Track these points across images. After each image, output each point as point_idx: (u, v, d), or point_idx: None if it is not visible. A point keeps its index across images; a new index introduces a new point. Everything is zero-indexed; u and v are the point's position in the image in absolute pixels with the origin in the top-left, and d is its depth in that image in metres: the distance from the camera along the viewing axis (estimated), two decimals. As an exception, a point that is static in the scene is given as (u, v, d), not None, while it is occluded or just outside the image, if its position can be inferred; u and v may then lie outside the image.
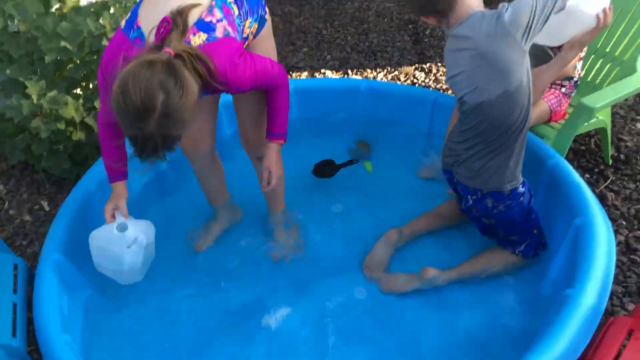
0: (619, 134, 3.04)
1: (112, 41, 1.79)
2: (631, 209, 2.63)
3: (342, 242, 2.45)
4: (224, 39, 1.75)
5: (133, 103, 1.50)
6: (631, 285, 2.31)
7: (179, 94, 1.53)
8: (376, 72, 3.67)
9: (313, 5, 4.38)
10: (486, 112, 1.94)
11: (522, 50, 1.84)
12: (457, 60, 1.96)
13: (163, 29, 1.61)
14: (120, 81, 1.52)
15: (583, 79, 2.79)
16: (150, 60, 1.53)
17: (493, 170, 2.05)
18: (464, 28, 1.90)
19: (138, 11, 1.76)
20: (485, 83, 1.90)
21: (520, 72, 1.87)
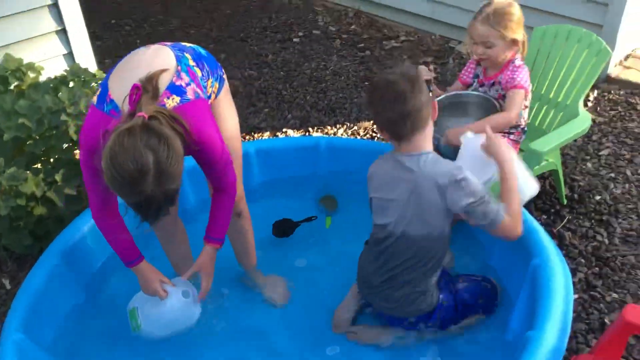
0: (572, 175, 3.16)
1: (88, 120, 1.82)
2: (588, 247, 2.71)
3: (309, 297, 2.45)
4: (196, 100, 1.83)
5: (127, 171, 1.54)
6: (594, 321, 2.36)
7: (165, 150, 1.58)
8: (336, 128, 3.76)
9: (272, 68, 4.51)
10: (408, 244, 2.01)
11: (450, 211, 1.96)
12: (393, 185, 2.01)
13: (135, 96, 1.66)
14: (108, 156, 1.56)
15: (531, 125, 2.91)
16: (128, 127, 1.57)
17: (413, 298, 2.08)
18: (412, 161, 1.97)
19: (108, 84, 1.82)
20: (413, 219, 1.98)
21: (445, 224, 1.99)
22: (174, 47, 1.97)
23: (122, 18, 5.47)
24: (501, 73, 2.58)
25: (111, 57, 4.75)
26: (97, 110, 1.79)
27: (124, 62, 1.90)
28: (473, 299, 2.17)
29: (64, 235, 2.38)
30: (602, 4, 3.75)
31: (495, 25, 2.44)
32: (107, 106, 1.77)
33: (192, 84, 1.86)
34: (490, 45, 2.49)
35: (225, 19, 5.38)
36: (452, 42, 4.65)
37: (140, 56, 1.90)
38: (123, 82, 1.76)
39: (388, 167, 2.05)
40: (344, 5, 5.34)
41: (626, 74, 3.96)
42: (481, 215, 1.93)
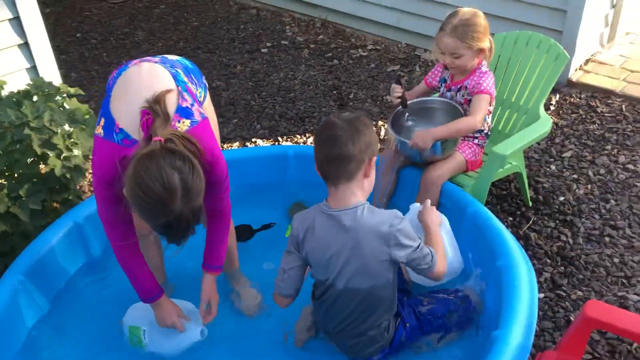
0: (536, 177, 3.22)
1: (99, 153, 1.80)
2: (553, 247, 2.77)
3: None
4: (203, 121, 1.87)
5: (155, 193, 1.57)
6: (559, 319, 2.40)
7: (189, 168, 1.62)
8: (305, 137, 3.78)
9: (240, 78, 4.52)
10: (352, 297, 1.97)
11: (395, 262, 1.93)
12: (331, 242, 1.92)
13: (146, 121, 1.68)
14: (132, 181, 1.59)
15: (494, 129, 2.97)
16: (148, 152, 1.60)
17: (369, 343, 2.05)
18: (348, 217, 1.89)
19: (112, 114, 1.79)
20: (356, 273, 1.93)
21: (389, 272, 1.95)
22: (164, 64, 1.96)
23: (88, 32, 5.42)
24: (468, 78, 2.63)
25: (77, 70, 4.71)
26: (107, 141, 1.78)
27: (121, 87, 1.85)
28: (440, 320, 2.11)
29: (29, 251, 2.34)
30: (561, 10, 3.85)
31: (462, 38, 2.49)
32: (118, 136, 1.76)
33: (195, 104, 1.89)
34: (458, 56, 2.54)
35: (192, 30, 5.38)
36: (418, 50, 4.72)
37: (136, 78, 1.87)
38: (128, 108, 1.76)
39: (323, 225, 1.94)
40: (312, 15, 5.39)
41: (586, 78, 4.07)
42: (422, 258, 1.93)
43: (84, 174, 2.66)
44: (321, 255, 1.96)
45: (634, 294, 2.49)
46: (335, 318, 2.05)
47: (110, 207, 1.86)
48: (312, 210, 1.98)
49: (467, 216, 2.43)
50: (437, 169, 2.54)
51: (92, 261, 2.57)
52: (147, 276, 2.04)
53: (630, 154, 3.37)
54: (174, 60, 2.06)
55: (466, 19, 2.50)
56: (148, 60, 1.97)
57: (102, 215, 1.91)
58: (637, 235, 2.80)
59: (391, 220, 1.88)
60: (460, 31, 2.48)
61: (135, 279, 2.03)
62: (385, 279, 1.95)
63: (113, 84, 1.89)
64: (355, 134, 1.84)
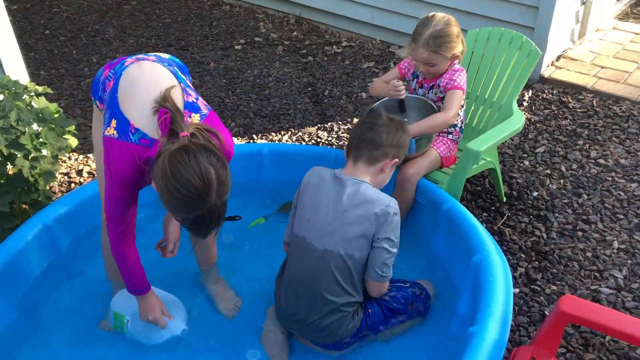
0: (510, 172, 3.25)
1: (118, 155, 1.79)
2: (527, 242, 2.79)
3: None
4: (210, 113, 1.90)
5: (194, 185, 1.61)
6: (534, 314, 2.42)
7: (219, 162, 1.67)
8: (281, 135, 3.75)
9: (214, 76, 4.47)
10: (329, 261, 2.02)
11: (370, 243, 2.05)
12: (328, 195, 2.08)
13: (164, 120, 1.70)
14: (168, 176, 1.62)
15: (469, 125, 2.98)
16: (181, 147, 1.63)
17: (340, 322, 2.08)
18: (351, 183, 2.06)
19: (124, 114, 1.80)
20: (336, 235, 2.03)
21: (363, 250, 2.04)
22: (162, 62, 1.98)
23: (57, 29, 5.31)
24: (440, 77, 2.63)
25: (46, 68, 4.61)
26: (124, 142, 1.78)
27: (128, 87, 1.86)
28: (402, 306, 2.19)
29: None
30: (533, 7, 3.89)
31: (436, 50, 2.50)
32: (134, 136, 1.78)
33: (199, 97, 1.93)
34: (433, 64, 2.56)
35: (164, 27, 5.30)
36: (392, 47, 4.72)
37: (142, 78, 1.88)
38: (140, 108, 1.79)
39: (328, 182, 2.10)
40: (286, 12, 5.35)
41: (558, 74, 4.12)
42: (383, 261, 2.03)
43: (53, 175, 2.60)
44: (314, 205, 2.07)
45: (606, 287, 2.53)
46: (310, 287, 2.06)
47: (123, 206, 1.90)
48: (326, 170, 2.15)
49: (443, 213, 2.43)
50: (412, 166, 2.54)
51: (62, 264, 2.51)
52: (138, 270, 2.07)
53: (601, 148, 3.42)
54: (167, 58, 2.08)
55: (439, 30, 2.49)
56: (145, 59, 1.97)
57: (111, 212, 1.93)
58: (609, 230, 2.85)
59: (389, 202, 2.02)
60: (433, 43, 2.49)
61: (127, 272, 2.05)
62: (362, 254, 2.03)
63: (116, 85, 1.87)
64: (392, 130, 2.11)
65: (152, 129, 1.78)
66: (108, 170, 1.84)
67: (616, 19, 4.93)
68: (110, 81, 1.94)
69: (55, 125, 2.72)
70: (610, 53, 4.35)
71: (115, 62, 2.02)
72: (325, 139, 3.67)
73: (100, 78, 2.03)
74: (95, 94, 2.07)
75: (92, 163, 3.47)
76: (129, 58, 1.99)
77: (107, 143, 1.82)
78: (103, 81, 1.99)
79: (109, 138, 1.81)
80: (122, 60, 1.99)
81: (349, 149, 2.15)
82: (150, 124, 1.78)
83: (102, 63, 4.67)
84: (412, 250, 2.55)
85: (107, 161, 1.84)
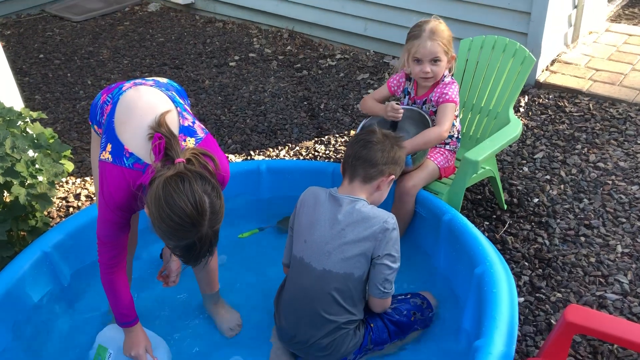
0: (509, 180, 3.23)
1: (110, 179, 1.79)
2: (530, 249, 2.77)
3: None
4: (206, 136, 1.89)
5: (186, 213, 1.60)
6: (541, 323, 2.40)
7: (214, 190, 1.66)
8: (278, 150, 3.74)
9: (209, 93, 4.47)
10: (328, 281, 2.01)
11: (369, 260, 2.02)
12: (325, 215, 2.05)
13: (159, 145, 1.69)
14: (162, 202, 1.60)
15: (466, 134, 2.97)
16: (176, 173, 1.62)
17: (342, 340, 2.06)
18: (347, 202, 2.04)
19: (119, 139, 1.79)
20: (335, 254, 2.01)
21: (363, 268, 2.01)
22: (159, 87, 1.99)
23: (51, 52, 5.31)
24: (432, 91, 2.62)
25: (41, 92, 4.61)
26: (117, 166, 1.78)
27: (124, 112, 1.86)
28: (405, 318, 2.17)
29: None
30: (525, 12, 3.89)
31: (441, 40, 2.50)
32: (128, 160, 1.77)
33: (196, 121, 1.92)
34: (437, 60, 2.53)
35: (158, 46, 5.31)
36: (386, 58, 4.72)
37: (139, 103, 1.88)
38: (135, 132, 1.79)
39: (324, 201, 2.08)
40: (278, 26, 5.36)
41: (553, 78, 4.11)
42: (385, 277, 2.01)
43: (50, 201, 2.58)
44: (310, 225, 2.05)
45: (612, 293, 2.50)
46: (308, 307, 2.04)
47: (116, 231, 1.88)
48: (322, 189, 2.14)
49: (444, 224, 2.41)
50: (411, 179, 2.53)
51: (62, 290, 2.48)
52: (127, 300, 2.04)
53: (600, 152, 3.40)
54: (165, 83, 2.08)
55: (436, 25, 2.52)
56: (143, 84, 1.98)
57: (103, 237, 1.91)
58: (612, 234, 2.82)
59: (386, 218, 2.00)
60: (438, 35, 2.49)
61: (115, 300, 2.02)
62: (361, 272, 2.01)
63: (113, 110, 1.88)
64: (387, 147, 2.09)
65: (146, 154, 1.78)
66: (101, 195, 1.83)
67: (609, 20, 4.94)
68: (107, 105, 1.94)
69: (51, 150, 2.71)
70: (604, 55, 4.35)
71: (113, 86, 2.03)
72: (323, 153, 3.66)
73: (98, 102, 2.03)
74: (93, 118, 2.07)
75: (89, 186, 3.45)
76: (127, 83, 2.00)
77: (102, 167, 1.82)
78: (101, 105, 1.99)
79: (104, 162, 1.81)
80: (120, 85, 2.00)
81: (344, 168, 2.14)
82: (145, 149, 1.78)
83: (96, 85, 4.67)
84: (413, 263, 2.53)
85: (100, 185, 1.83)
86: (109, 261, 1.95)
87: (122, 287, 2.01)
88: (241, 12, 5.57)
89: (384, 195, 2.15)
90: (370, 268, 2.02)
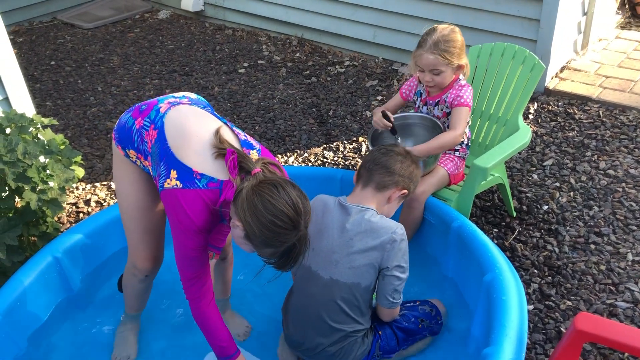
0: (519, 187, 3.22)
1: (188, 204, 1.75)
2: (540, 257, 2.76)
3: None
4: (261, 147, 1.94)
5: (289, 217, 1.65)
6: (550, 331, 2.38)
7: (301, 192, 1.72)
8: (287, 157, 3.75)
9: (219, 100, 4.49)
10: (336, 289, 2.00)
11: (378, 270, 2.01)
12: (333, 223, 2.05)
13: (233, 160, 1.74)
14: (260, 210, 1.64)
15: (475, 141, 2.97)
16: (264, 182, 1.68)
17: (349, 348, 2.06)
18: (356, 212, 2.03)
19: (184, 163, 1.78)
20: (342, 264, 2.00)
21: (371, 278, 2.01)
22: (196, 104, 1.97)
23: (62, 59, 5.36)
24: (446, 92, 2.62)
25: (52, 99, 4.65)
26: (191, 189, 1.76)
27: (177, 136, 1.83)
28: (413, 325, 2.16)
29: (6, 289, 2.26)
30: (534, 20, 3.89)
31: (443, 53, 2.47)
32: (201, 182, 1.77)
33: (246, 135, 1.95)
34: (438, 73, 2.52)
35: (167, 54, 5.35)
36: (395, 65, 4.73)
37: (189, 124, 1.86)
38: (199, 153, 1.79)
39: (332, 209, 2.07)
40: (287, 34, 5.39)
41: (563, 85, 4.10)
42: (394, 288, 2.00)
43: (61, 206, 2.60)
44: (318, 233, 2.04)
45: (623, 301, 2.48)
46: (315, 316, 2.03)
47: (199, 259, 1.87)
48: (330, 197, 2.13)
49: (453, 231, 2.41)
50: (420, 185, 2.52)
51: (72, 296, 2.50)
52: (223, 332, 1.98)
53: (610, 159, 3.39)
54: (196, 99, 2.07)
55: (445, 35, 2.49)
56: (180, 103, 1.95)
57: (189, 273, 1.88)
58: (622, 241, 2.81)
59: (395, 229, 1.99)
60: (440, 47, 2.47)
61: (212, 335, 1.97)
62: (369, 282, 2.00)
63: (163, 136, 1.84)
64: (406, 162, 2.11)
65: (216, 171, 1.78)
66: (178, 225, 1.79)
67: (618, 28, 4.93)
68: (148, 131, 1.89)
69: (62, 156, 2.73)
70: (614, 62, 4.33)
71: (146, 109, 1.95)
72: (332, 159, 3.67)
73: (132, 127, 1.94)
74: (126, 143, 1.98)
75: (99, 192, 3.47)
76: (160, 103, 1.95)
77: (171, 196, 1.77)
78: (138, 130, 1.92)
79: (172, 190, 1.76)
80: (153, 105, 1.94)
81: (360, 173, 2.13)
82: (214, 167, 1.78)
83: (107, 92, 4.70)
84: (422, 270, 2.52)
85: (175, 215, 1.78)
86: (197, 293, 1.90)
87: (216, 320, 1.96)
88: (250, 20, 5.61)
89: (393, 209, 2.14)
90: (379, 279, 2.02)
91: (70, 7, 6.35)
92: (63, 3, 6.31)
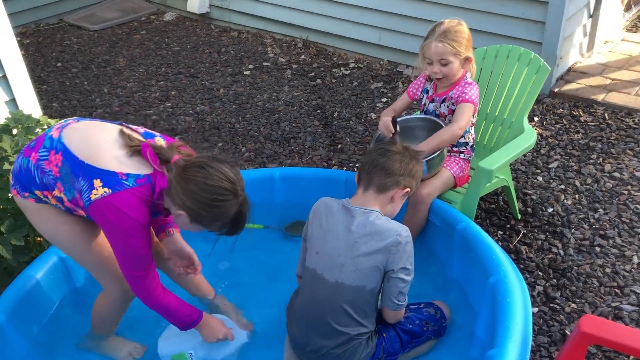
0: (524, 189, 3.22)
1: (124, 206, 1.77)
2: (544, 259, 2.75)
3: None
4: (165, 137, 2.01)
5: (226, 188, 1.77)
6: (555, 333, 2.38)
7: (224, 162, 1.81)
8: (291, 159, 3.76)
9: (224, 102, 4.50)
10: (340, 294, 1.99)
11: (383, 272, 2.00)
12: (338, 227, 2.03)
13: (150, 153, 1.81)
14: (198, 192, 1.75)
15: (480, 143, 2.97)
16: (188, 164, 1.78)
17: (353, 350, 2.05)
18: (360, 213, 2.02)
19: (102, 169, 1.77)
20: (348, 267, 1.99)
21: (376, 280, 2.00)
22: (75, 120, 1.97)
23: (68, 61, 5.39)
24: (453, 89, 2.62)
25: (58, 100, 4.67)
26: (122, 191, 1.77)
27: (84, 147, 1.82)
28: (418, 327, 2.15)
29: (12, 290, 2.27)
30: (540, 22, 3.89)
31: (451, 42, 2.50)
32: (129, 181, 1.79)
33: (143, 127, 2.01)
34: (446, 63, 2.53)
35: (173, 55, 5.36)
36: (400, 67, 4.73)
37: (86, 134, 1.87)
38: (115, 156, 1.81)
39: (336, 212, 2.06)
40: (293, 36, 5.40)
41: (568, 87, 4.10)
42: (399, 290, 2.00)
43: (66, 207, 2.61)
44: (323, 236, 2.04)
45: (628, 304, 2.48)
46: (319, 319, 2.03)
47: (145, 257, 1.89)
48: (334, 200, 2.13)
49: (457, 233, 2.41)
50: (426, 187, 2.52)
51: (78, 295, 2.51)
52: (182, 304, 2.06)
53: (615, 162, 3.38)
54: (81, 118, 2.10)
55: (453, 26, 2.53)
56: (69, 124, 1.94)
57: (134, 271, 1.90)
58: (628, 244, 2.80)
59: (400, 231, 1.97)
60: (448, 36, 2.50)
61: (172, 314, 2.04)
62: (374, 285, 2.00)
63: (69, 154, 1.81)
64: (406, 159, 2.07)
65: (138, 168, 1.81)
66: (117, 230, 1.79)
67: (625, 30, 4.91)
68: (48, 159, 1.85)
69: (68, 157, 2.74)
70: (620, 65, 4.32)
71: (36, 143, 1.90)
72: (336, 161, 3.67)
73: (29, 166, 1.88)
74: (29, 185, 1.91)
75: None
76: (48, 132, 1.91)
77: (103, 204, 1.76)
78: (35, 165, 1.87)
79: (103, 198, 1.75)
80: (43, 137, 1.90)
81: (360, 175, 2.12)
82: (134, 164, 1.81)
83: (113, 93, 4.72)
84: (427, 272, 2.52)
85: (113, 221, 1.78)
86: (149, 287, 1.94)
87: (171, 301, 2.01)
88: (256, 22, 5.62)
89: (397, 208, 2.12)
90: (385, 281, 2.01)
91: (76, 9, 6.38)
92: (70, 5, 6.35)
